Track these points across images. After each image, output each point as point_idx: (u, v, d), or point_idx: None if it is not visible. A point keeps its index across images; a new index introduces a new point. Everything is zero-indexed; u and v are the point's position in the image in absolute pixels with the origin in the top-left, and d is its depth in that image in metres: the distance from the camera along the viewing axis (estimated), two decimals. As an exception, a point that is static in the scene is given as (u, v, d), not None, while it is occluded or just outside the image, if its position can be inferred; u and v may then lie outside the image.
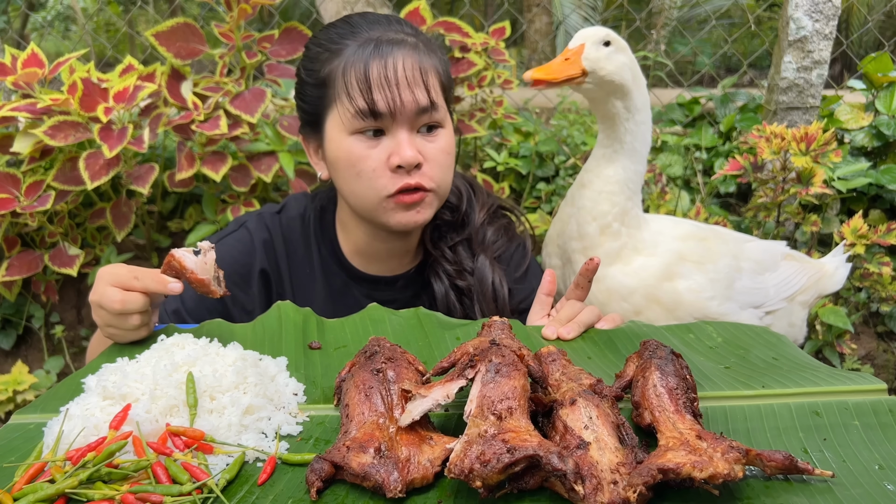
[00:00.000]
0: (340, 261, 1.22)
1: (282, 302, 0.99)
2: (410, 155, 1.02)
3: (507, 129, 2.33)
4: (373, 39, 1.04)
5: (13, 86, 1.69)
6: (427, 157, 1.06)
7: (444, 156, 1.08)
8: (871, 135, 2.13)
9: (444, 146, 1.08)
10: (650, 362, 0.73)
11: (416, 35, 1.09)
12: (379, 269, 1.22)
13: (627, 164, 1.23)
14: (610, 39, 1.16)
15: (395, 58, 1.03)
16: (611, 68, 1.15)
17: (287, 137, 1.95)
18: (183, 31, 1.81)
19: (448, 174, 1.10)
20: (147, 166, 1.82)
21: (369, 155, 1.04)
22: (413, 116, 1.04)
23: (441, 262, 1.20)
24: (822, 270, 1.39)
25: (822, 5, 2.05)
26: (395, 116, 1.03)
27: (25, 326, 2.14)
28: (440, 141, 1.08)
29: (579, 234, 1.25)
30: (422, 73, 1.04)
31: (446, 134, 1.09)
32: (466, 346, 0.73)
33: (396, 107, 1.02)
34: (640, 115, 1.21)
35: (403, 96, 1.02)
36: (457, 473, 0.59)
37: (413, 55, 1.04)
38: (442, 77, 1.09)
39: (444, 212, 1.21)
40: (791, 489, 0.62)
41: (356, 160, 1.05)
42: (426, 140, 1.07)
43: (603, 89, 1.17)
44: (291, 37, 1.91)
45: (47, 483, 0.63)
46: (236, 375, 0.77)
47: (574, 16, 6.63)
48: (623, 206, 1.23)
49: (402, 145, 1.03)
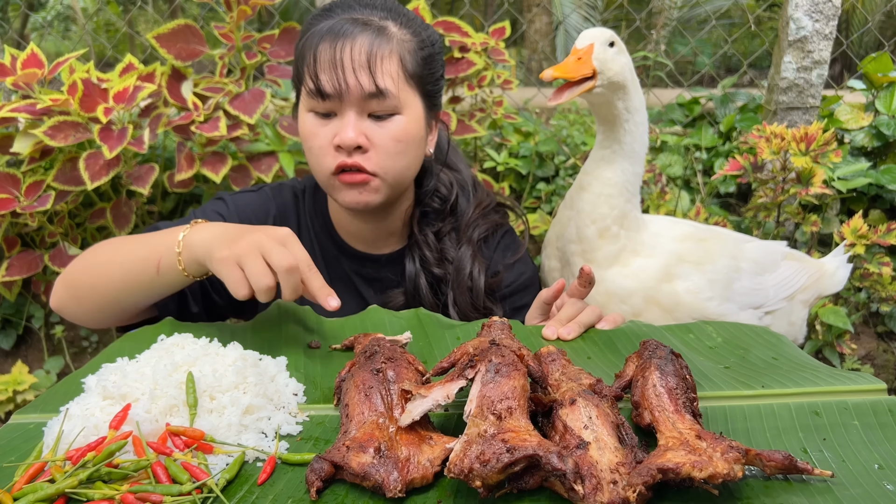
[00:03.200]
0: (332, 235, 1.25)
1: (282, 301, 0.99)
2: (349, 137, 1.03)
3: (507, 129, 2.33)
4: (336, 23, 1.06)
5: (13, 86, 1.69)
6: (374, 143, 1.06)
7: (392, 143, 1.07)
8: (871, 135, 2.13)
9: (396, 133, 1.07)
10: (650, 362, 0.73)
11: (390, 19, 1.09)
12: (365, 246, 1.24)
13: (626, 165, 1.23)
14: (614, 41, 1.17)
15: (347, 42, 1.03)
16: (616, 69, 1.16)
17: (287, 138, 1.95)
18: (184, 33, 1.81)
19: (398, 161, 1.08)
20: (147, 166, 1.82)
21: (318, 133, 1.07)
22: (360, 100, 1.04)
23: (422, 245, 1.22)
24: (823, 270, 1.38)
25: (822, 5, 2.05)
26: (343, 98, 1.04)
27: (25, 326, 2.14)
28: (391, 128, 1.06)
29: (578, 237, 1.25)
30: (371, 59, 1.03)
31: (402, 121, 1.07)
32: (466, 346, 0.73)
33: (342, 89, 1.03)
34: (638, 116, 1.21)
35: (349, 80, 1.02)
36: (456, 473, 0.59)
37: (369, 40, 1.03)
38: (408, 64, 1.07)
39: (433, 200, 1.23)
40: (791, 489, 0.62)
41: (308, 136, 1.09)
42: (376, 125, 1.06)
43: (609, 90, 1.18)
44: (291, 37, 1.91)
45: (47, 483, 0.63)
46: (236, 375, 0.77)
47: (574, 16, 6.63)
48: (622, 209, 1.23)
49: (345, 127, 1.04)
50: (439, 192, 1.24)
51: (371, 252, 1.24)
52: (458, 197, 1.25)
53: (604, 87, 1.16)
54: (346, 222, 1.22)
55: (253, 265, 0.85)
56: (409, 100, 1.08)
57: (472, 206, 1.25)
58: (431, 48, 1.13)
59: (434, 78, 1.14)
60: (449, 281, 1.20)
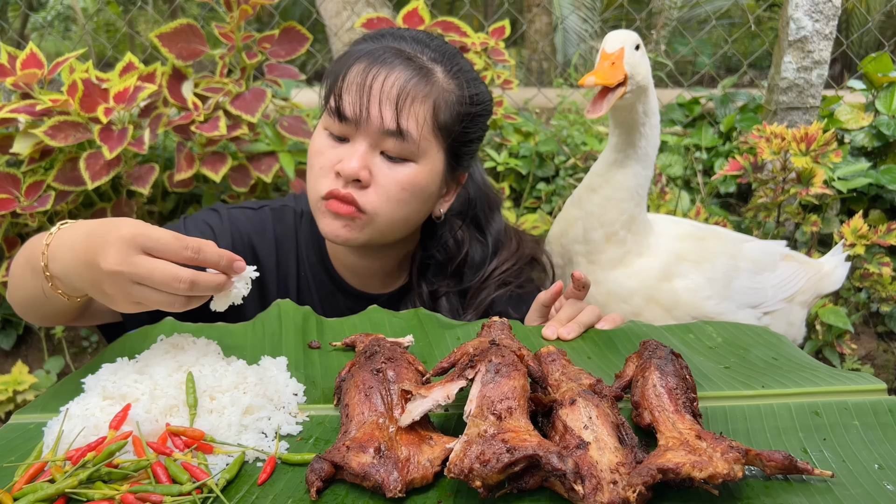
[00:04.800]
0: (327, 268, 1.19)
1: (282, 301, 0.99)
2: (351, 167, 0.98)
3: (507, 129, 2.33)
4: (380, 48, 1.01)
5: (12, 87, 1.69)
6: (377, 181, 1.00)
7: (396, 188, 1.01)
8: (871, 135, 2.13)
9: (403, 180, 1.01)
10: (650, 362, 0.73)
11: (440, 63, 1.03)
12: (361, 283, 1.19)
13: (639, 169, 1.20)
14: (639, 43, 1.13)
15: (383, 70, 0.99)
16: (643, 72, 1.13)
17: (287, 138, 1.95)
18: (185, 33, 1.81)
19: (396, 209, 1.02)
20: (147, 166, 1.82)
21: (325, 153, 1.03)
22: (377, 134, 0.99)
23: (416, 296, 1.17)
24: (821, 270, 1.38)
25: (822, 5, 2.05)
26: (359, 126, 0.99)
27: (25, 326, 2.14)
28: (401, 172, 1.01)
29: (584, 238, 1.24)
30: (402, 95, 0.98)
31: (415, 169, 1.02)
32: (466, 346, 0.73)
33: (362, 117, 0.98)
34: (654, 119, 1.20)
35: (371, 109, 0.98)
36: (456, 473, 0.59)
37: (406, 76, 0.99)
38: (441, 114, 1.02)
39: (437, 251, 1.18)
40: (791, 489, 0.62)
41: (315, 152, 1.04)
42: (386, 165, 1.01)
43: (635, 95, 1.14)
44: (290, 37, 1.91)
45: (47, 483, 0.63)
46: (236, 375, 0.77)
47: (573, 16, 6.63)
48: (631, 213, 1.21)
49: (351, 155, 1.00)
50: (447, 246, 1.17)
51: (367, 291, 1.19)
52: (468, 260, 1.18)
53: (632, 92, 1.13)
54: (341, 255, 1.17)
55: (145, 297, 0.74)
56: (430, 150, 1.02)
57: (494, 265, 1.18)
58: (474, 108, 1.06)
59: (467, 139, 1.08)
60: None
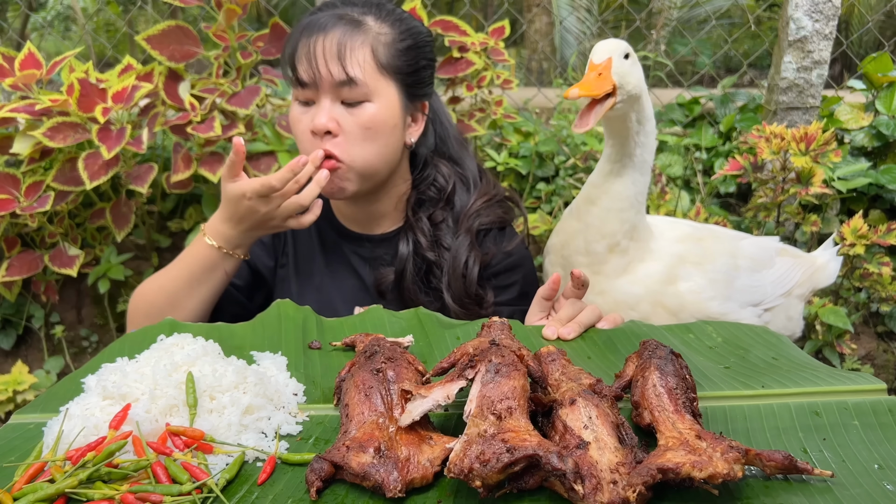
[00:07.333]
0: (331, 219, 1.32)
1: (281, 301, 0.99)
2: (320, 122, 1.11)
3: (506, 129, 2.32)
4: (315, 18, 1.14)
5: (11, 87, 1.69)
6: (343, 128, 1.12)
7: (360, 129, 1.12)
8: (871, 135, 2.13)
9: (364, 120, 1.12)
10: (650, 362, 0.73)
11: (370, 14, 1.15)
12: (360, 227, 1.30)
13: (637, 177, 1.19)
14: (628, 52, 1.12)
15: (322, 34, 1.11)
16: (634, 81, 1.11)
17: (286, 137, 1.95)
18: (175, 34, 1.80)
19: (366, 148, 1.14)
20: (146, 166, 1.82)
21: (301, 119, 1.15)
22: (333, 88, 1.11)
23: (415, 229, 1.25)
24: (815, 264, 1.39)
25: (822, 5, 2.05)
26: (318, 87, 1.12)
27: (25, 326, 2.14)
28: (360, 114, 1.12)
29: (587, 250, 1.23)
30: (341, 49, 1.10)
31: (372, 108, 1.13)
32: (466, 346, 0.73)
33: (316, 78, 1.11)
34: (648, 125, 1.18)
35: (321, 69, 1.10)
36: (456, 473, 0.59)
37: (341, 31, 1.11)
38: (380, 55, 1.13)
39: (430, 189, 1.28)
40: (790, 489, 0.62)
41: (294, 123, 1.17)
42: (347, 112, 1.12)
43: (626, 104, 1.13)
44: (281, 34, 1.91)
45: (47, 483, 0.63)
46: (236, 375, 0.77)
47: (573, 17, 6.63)
48: (632, 222, 1.21)
49: (318, 112, 1.12)
50: (437, 182, 1.28)
51: (366, 232, 1.30)
52: (457, 190, 1.29)
53: (623, 102, 1.11)
54: (342, 205, 1.30)
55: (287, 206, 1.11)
56: (381, 88, 1.13)
57: (475, 197, 1.28)
58: (411, 40, 1.18)
59: (413, 69, 1.18)
60: (442, 266, 1.24)
